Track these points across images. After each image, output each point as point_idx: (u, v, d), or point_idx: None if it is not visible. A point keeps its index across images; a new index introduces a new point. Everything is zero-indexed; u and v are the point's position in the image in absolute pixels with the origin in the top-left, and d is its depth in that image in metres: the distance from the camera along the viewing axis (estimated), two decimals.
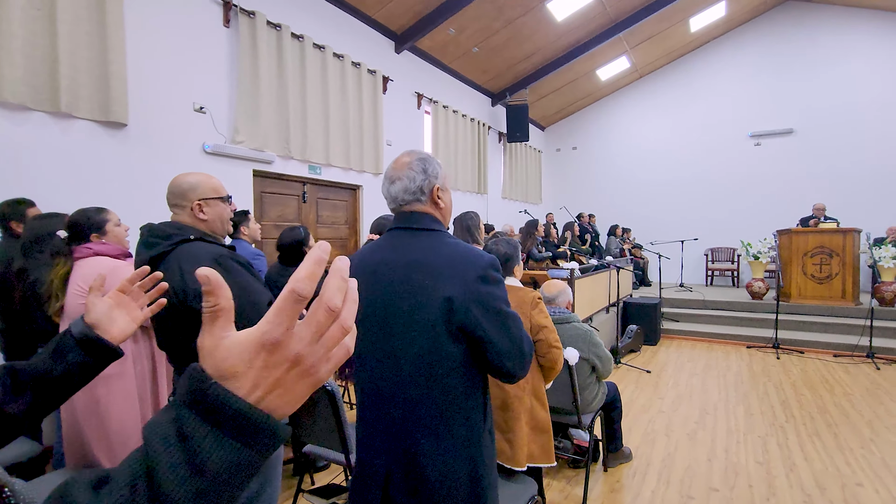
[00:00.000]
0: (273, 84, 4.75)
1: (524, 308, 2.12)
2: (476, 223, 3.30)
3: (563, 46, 8.37)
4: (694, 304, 7.70)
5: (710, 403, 4.26)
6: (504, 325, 1.20)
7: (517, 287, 2.18)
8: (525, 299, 2.13)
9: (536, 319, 2.11)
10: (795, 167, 9.29)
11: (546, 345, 2.13)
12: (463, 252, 1.23)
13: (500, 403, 2.09)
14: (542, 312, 2.16)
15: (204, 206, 1.70)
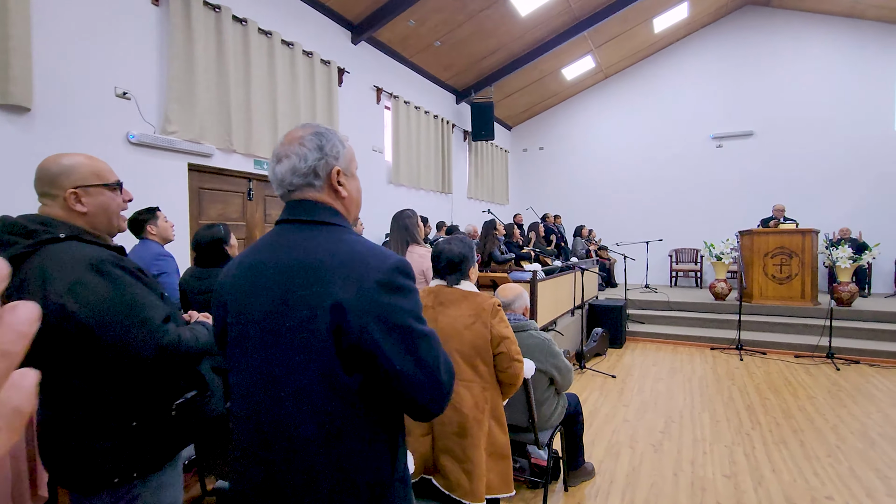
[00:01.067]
0: (211, 71, 4.35)
1: (483, 317, 1.85)
2: (414, 221, 3.03)
3: (528, 43, 8.21)
4: (659, 305, 7.64)
5: (676, 410, 4.10)
6: (413, 348, 0.91)
7: (474, 293, 1.92)
8: (484, 306, 1.87)
9: (498, 329, 1.86)
10: (756, 168, 9.41)
11: (507, 358, 1.87)
12: (361, 252, 0.94)
13: (458, 429, 1.81)
14: (504, 321, 1.90)
15: (82, 196, 1.32)
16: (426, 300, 1.94)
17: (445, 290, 1.92)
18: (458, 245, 1.94)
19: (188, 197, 4.24)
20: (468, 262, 1.93)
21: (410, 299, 0.95)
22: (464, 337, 1.83)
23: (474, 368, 1.84)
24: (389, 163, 7.16)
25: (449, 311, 1.88)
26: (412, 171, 7.54)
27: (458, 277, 1.92)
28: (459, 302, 1.88)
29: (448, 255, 1.92)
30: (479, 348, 1.83)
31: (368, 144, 6.69)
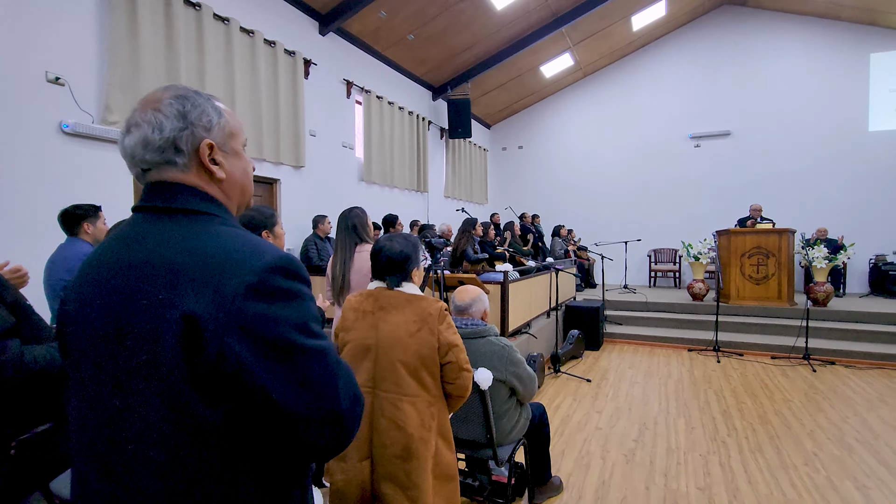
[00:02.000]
0: (160, 57, 4.05)
1: (430, 323, 1.64)
2: (363, 220, 2.80)
3: (505, 39, 8.03)
4: (637, 306, 7.53)
5: (651, 416, 3.93)
6: (297, 369, 0.69)
7: (418, 296, 1.70)
8: (430, 311, 1.66)
9: (446, 336, 1.65)
10: (733, 168, 9.39)
11: (456, 368, 1.66)
12: (230, 247, 0.71)
13: (402, 451, 1.59)
14: (452, 327, 1.70)
15: None
16: (365, 304, 1.71)
17: (386, 294, 1.71)
18: (401, 243, 1.72)
19: (134, 193, 3.94)
20: (412, 262, 1.72)
21: (296, 307, 0.72)
22: (408, 346, 1.61)
23: (420, 381, 1.62)
24: (361, 160, 6.91)
25: (391, 316, 1.66)
26: (385, 168, 7.29)
27: (400, 279, 1.71)
28: (403, 307, 1.67)
29: (389, 253, 1.70)
30: (426, 358, 1.61)
31: (338, 140, 6.43)
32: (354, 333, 1.70)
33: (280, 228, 2.13)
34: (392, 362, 1.61)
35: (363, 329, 1.68)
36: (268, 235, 2.06)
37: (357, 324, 1.70)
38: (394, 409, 1.59)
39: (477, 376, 2.12)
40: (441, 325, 1.63)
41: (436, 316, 1.64)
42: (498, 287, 4.31)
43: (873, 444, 3.38)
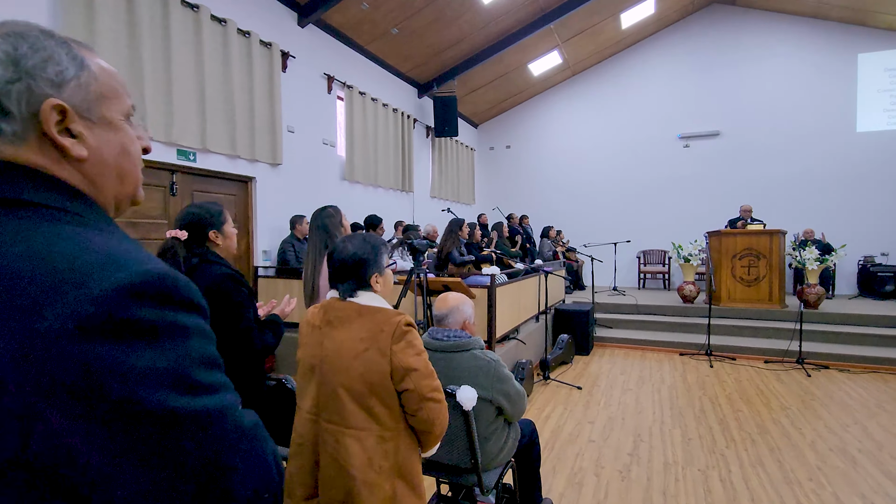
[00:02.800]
0: (120, 45, 3.76)
1: (380, 341, 1.38)
2: (336, 220, 2.55)
3: (492, 35, 7.83)
4: (627, 308, 7.37)
5: (645, 427, 3.74)
6: (163, 449, 0.46)
7: (373, 308, 1.45)
8: (383, 327, 1.40)
9: (400, 359, 1.38)
10: (723, 169, 9.31)
11: (417, 397, 1.40)
12: (65, 260, 0.46)
13: (344, 497, 1.35)
14: (413, 346, 1.43)
15: None
16: (314, 318, 1.47)
17: (336, 305, 1.46)
18: (357, 244, 1.47)
19: None
20: (370, 266, 1.46)
21: (166, 349, 0.48)
22: (352, 369, 1.36)
23: (368, 411, 1.37)
24: (343, 158, 6.64)
25: (337, 333, 1.41)
26: (368, 167, 7.04)
27: (354, 287, 1.46)
28: (351, 321, 1.41)
29: (341, 256, 1.45)
30: (374, 384, 1.36)
31: (318, 137, 6.16)
32: (304, 350, 1.47)
33: (230, 227, 1.86)
34: (333, 387, 1.37)
35: (311, 345, 1.44)
36: (216, 236, 1.80)
37: (308, 339, 1.47)
38: (335, 443, 1.35)
39: (459, 395, 1.89)
40: (396, 345, 1.38)
41: (389, 333, 1.38)
42: (484, 291, 4.08)
43: (877, 456, 3.22)
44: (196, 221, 1.77)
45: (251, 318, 1.70)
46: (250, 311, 1.72)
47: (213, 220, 1.80)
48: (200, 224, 1.77)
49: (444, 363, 2.03)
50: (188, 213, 1.79)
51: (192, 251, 1.73)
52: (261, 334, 1.68)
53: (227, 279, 1.68)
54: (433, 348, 2.06)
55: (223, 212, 1.86)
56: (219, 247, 1.82)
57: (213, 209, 1.83)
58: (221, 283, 1.66)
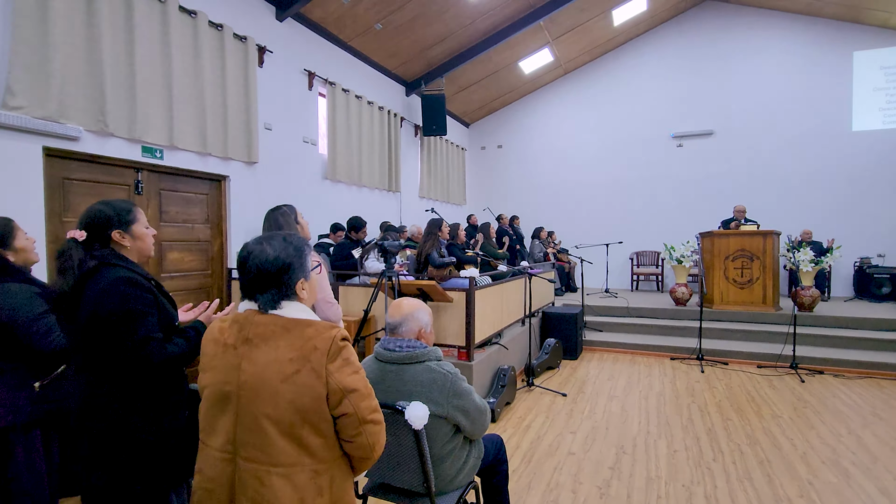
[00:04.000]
0: (77, 35, 3.57)
1: (314, 360, 1.18)
2: (290, 219, 2.38)
3: (480, 31, 7.65)
4: (618, 311, 7.19)
5: (629, 437, 3.56)
6: None
7: (302, 322, 1.25)
8: (315, 344, 1.20)
9: (338, 379, 1.19)
10: (716, 168, 9.15)
11: (356, 421, 1.21)
12: None
13: None
14: (350, 364, 1.23)
15: None
16: (226, 336, 1.26)
17: (256, 320, 1.25)
18: (277, 245, 1.27)
19: (45, 188, 3.45)
20: (294, 272, 1.27)
21: None
22: (279, 395, 1.16)
23: (300, 443, 1.18)
24: (325, 156, 6.45)
25: (259, 353, 1.21)
26: (352, 166, 6.85)
27: (277, 297, 1.25)
28: (277, 338, 1.22)
29: (258, 260, 1.24)
30: (307, 411, 1.17)
31: (298, 135, 5.97)
32: (212, 375, 1.25)
33: (141, 227, 1.66)
34: (256, 419, 1.17)
35: (222, 369, 1.23)
36: (122, 237, 1.61)
37: (216, 361, 1.25)
38: (258, 484, 1.15)
39: (408, 413, 1.70)
40: (333, 364, 1.19)
41: (324, 350, 1.19)
42: (463, 294, 3.90)
43: (872, 469, 3.04)
44: (96, 221, 1.58)
45: (151, 327, 1.51)
46: (150, 318, 1.52)
47: (118, 219, 1.61)
48: (101, 223, 1.58)
49: (395, 376, 1.85)
50: (88, 211, 1.60)
51: (92, 253, 1.54)
52: (163, 344, 1.48)
53: (122, 283, 1.49)
54: (384, 359, 1.88)
55: (133, 210, 1.66)
56: (126, 249, 1.63)
57: (119, 207, 1.64)
58: (113, 287, 1.47)
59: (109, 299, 1.47)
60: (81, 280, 1.51)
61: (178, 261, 4.48)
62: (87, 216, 1.60)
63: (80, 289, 1.51)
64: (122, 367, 1.46)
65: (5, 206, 3.15)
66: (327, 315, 2.33)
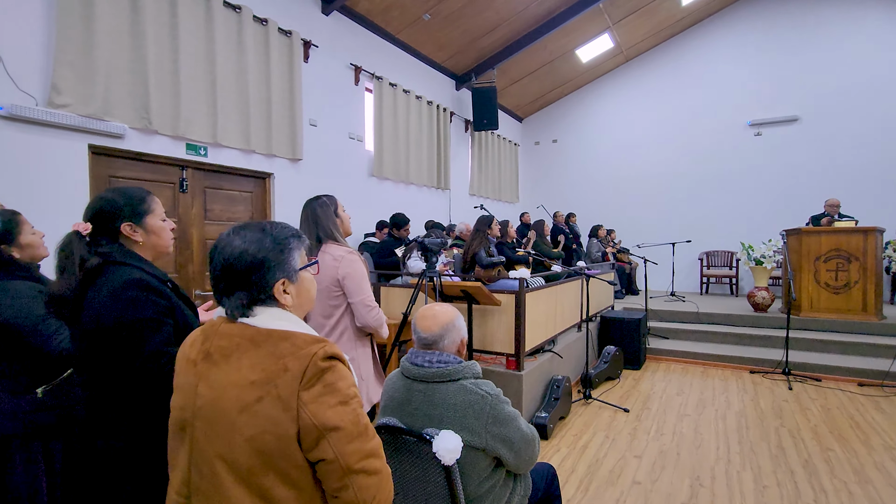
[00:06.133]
0: (122, 32, 3.56)
1: (283, 386, 0.90)
2: (329, 210, 2.15)
3: (533, 18, 7.22)
4: (686, 317, 6.53)
5: (706, 466, 3.06)
6: None
7: (279, 333, 0.97)
8: (287, 365, 0.92)
9: (313, 413, 0.90)
10: (802, 158, 8.16)
11: (339, 470, 0.91)
12: None
13: None
14: (335, 393, 0.94)
15: None
16: (190, 351, 1.02)
17: (221, 330, 1.00)
18: (250, 237, 1.00)
19: (90, 186, 3.45)
20: (271, 269, 0.99)
21: None
22: (236, 429, 0.90)
23: (262, 496, 0.89)
24: (371, 153, 6.29)
25: (218, 372, 0.95)
26: (399, 163, 6.65)
27: (247, 302, 0.99)
28: (241, 354, 0.95)
29: (226, 254, 0.98)
30: (271, 454, 0.89)
31: (344, 131, 5.84)
32: (175, 397, 1.01)
33: (157, 220, 1.46)
34: (209, 459, 0.91)
35: (182, 391, 0.99)
36: (132, 231, 1.41)
37: (180, 379, 1.01)
38: None
39: (437, 444, 1.40)
40: (308, 391, 0.90)
41: (297, 372, 0.91)
42: (512, 297, 3.54)
43: None
44: (103, 211, 1.39)
45: (161, 339, 1.29)
46: (165, 328, 1.31)
47: (129, 210, 1.41)
48: (108, 214, 1.38)
49: (424, 397, 1.55)
50: (95, 200, 1.41)
51: (97, 249, 1.35)
52: None
53: (131, 286, 1.28)
54: (411, 376, 1.59)
55: (147, 199, 1.46)
56: (139, 245, 1.43)
57: (131, 195, 1.44)
58: (120, 292, 1.27)
59: (115, 306, 1.27)
60: (84, 281, 1.32)
61: None
62: (94, 205, 1.41)
63: (83, 291, 1.32)
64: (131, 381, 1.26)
65: (52, 204, 3.17)
66: (366, 321, 2.06)
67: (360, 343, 2.07)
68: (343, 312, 2.03)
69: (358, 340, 2.06)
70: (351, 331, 2.04)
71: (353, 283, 2.00)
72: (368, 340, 2.13)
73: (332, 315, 2.02)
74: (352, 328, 2.04)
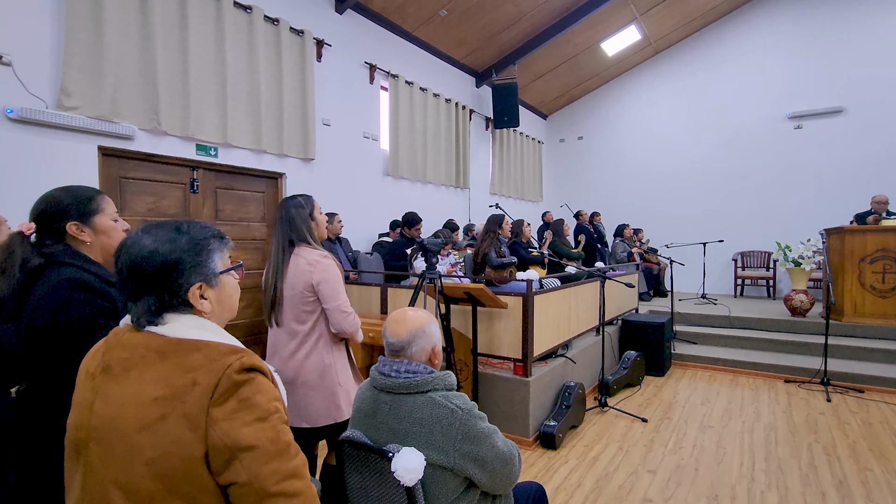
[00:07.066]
0: (131, 33, 3.60)
1: (189, 403, 0.81)
2: (305, 212, 2.06)
3: (555, 10, 7.01)
4: (716, 320, 6.19)
5: (727, 485, 2.83)
6: None
7: (189, 343, 0.87)
8: (195, 378, 0.82)
9: (225, 432, 0.80)
10: (846, 153, 7.63)
11: (254, 494, 0.81)
12: None
13: None
14: (251, 408, 0.83)
15: None
16: (91, 363, 0.93)
17: (125, 340, 0.91)
18: (162, 236, 0.90)
19: (101, 187, 3.50)
20: (185, 272, 0.90)
21: None
22: (135, 451, 0.80)
23: None
24: (386, 152, 6.23)
25: (117, 387, 0.86)
26: (416, 162, 6.57)
27: (156, 308, 0.89)
28: (146, 366, 0.85)
29: (129, 256, 0.89)
30: (176, 478, 0.79)
31: (359, 130, 5.80)
32: (71, 415, 0.92)
33: (106, 219, 1.41)
34: (104, 487, 0.81)
35: (79, 408, 0.90)
36: (79, 230, 1.36)
37: (78, 396, 0.92)
38: None
39: (395, 463, 1.29)
40: (220, 407, 0.81)
41: (207, 387, 0.81)
42: (520, 300, 3.39)
43: None
44: (48, 210, 1.35)
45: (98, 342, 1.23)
46: (102, 331, 1.24)
47: (75, 210, 1.36)
48: (53, 213, 1.34)
49: (389, 410, 1.44)
50: (40, 199, 1.37)
51: (41, 250, 1.31)
52: None
53: (67, 286, 1.23)
54: (378, 386, 1.48)
55: (96, 198, 1.42)
56: (86, 245, 1.38)
57: (79, 194, 1.39)
58: (56, 292, 1.21)
59: (50, 306, 1.23)
60: (27, 282, 1.29)
61: (233, 259, 4.44)
62: (38, 205, 1.38)
63: (25, 292, 1.29)
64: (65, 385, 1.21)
65: None
66: (342, 326, 1.97)
67: (336, 349, 1.98)
68: (318, 318, 1.94)
69: (334, 346, 1.97)
70: (327, 337, 1.95)
71: (328, 289, 1.91)
72: (344, 345, 2.04)
73: (307, 321, 1.94)
74: (327, 334, 1.96)
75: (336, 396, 1.94)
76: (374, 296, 4.23)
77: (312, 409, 1.93)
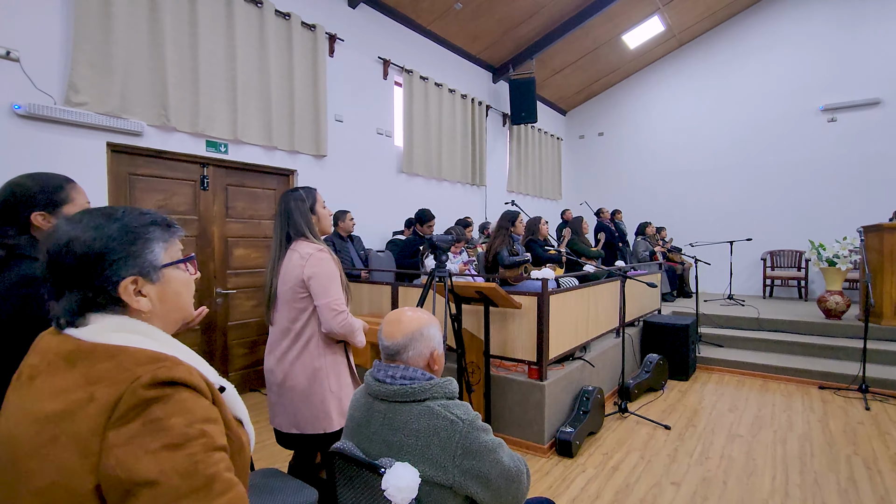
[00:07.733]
0: (140, 29, 3.56)
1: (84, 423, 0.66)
2: (304, 206, 1.96)
3: (573, 3, 6.80)
4: (744, 322, 5.91)
5: (758, 501, 2.63)
6: None
7: (106, 349, 0.73)
8: (94, 392, 0.68)
9: (120, 461, 0.64)
10: (885, 146, 7.22)
11: None
12: None
13: None
14: (160, 433, 0.66)
15: None
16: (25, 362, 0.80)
17: (42, 344, 0.79)
18: (88, 223, 0.78)
19: (109, 184, 3.48)
20: (116, 264, 0.77)
21: None
22: (22, 479, 0.68)
23: None
24: (400, 148, 6.13)
25: (19, 400, 0.74)
26: (430, 158, 6.45)
27: (79, 307, 0.77)
28: (51, 375, 0.73)
29: (51, 246, 0.77)
30: None
31: (372, 126, 5.71)
32: None
33: (76, 210, 1.32)
34: None
35: None
36: (44, 222, 1.27)
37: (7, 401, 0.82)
38: None
39: (386, 480, 1.16)
40: (120, 430, 0.66)
41: (105, 405, 0.67)
42: (534, 299, 3.24)
43: None
44: (13, 198, 1.26)
45: None
46: None
47: (42, 199, 1.28)
48: (17, 202, 1.26)
49: (384, 419, 1.31)
50: (4, 186, 1.30)
51: (3, 241, 1.22)
52: None
53: (26, 283, 1.14)
54: (373, 394, 1.36)
55: (65, 187, 1.33)
56: None
57: (47, 182, 1.31)
58: (15, 289, 1.13)
59: (8, 302, 1.15)
60: None
61: (244, 257, 4.40)
62: (2, 191, 1.30)
63: None
64: None
65: None
66: (330, 326, 1.83)
67: (328, 351, 1.85)
68: (309, 317, 1.83)
69: (327, 348, 1.84)
70: (318, 337, 1.83)
71: (318, 284, 1.79)
72: (341, 348, 1.91)
73: (298, 319, 1.83)
74: (319, 334, 1.83)
75: (325, 404, 1.81)
76: (384, 295, 4.13)
77: (300, 416, 1.82)
